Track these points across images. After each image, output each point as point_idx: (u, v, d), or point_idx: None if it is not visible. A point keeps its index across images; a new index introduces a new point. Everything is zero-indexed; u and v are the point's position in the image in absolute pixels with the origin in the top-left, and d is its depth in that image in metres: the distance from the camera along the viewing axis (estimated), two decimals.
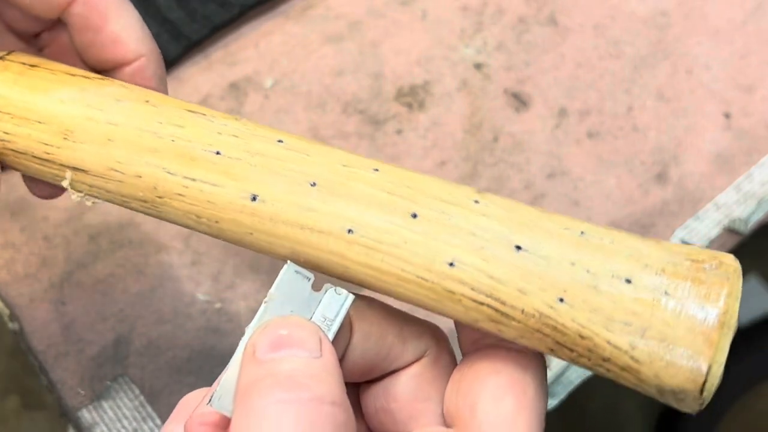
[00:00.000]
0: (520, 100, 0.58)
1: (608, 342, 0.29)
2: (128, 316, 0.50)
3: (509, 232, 0.30)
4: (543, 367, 0.32)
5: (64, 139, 0.34)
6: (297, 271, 0.31)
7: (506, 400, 0.30)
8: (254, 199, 0.32)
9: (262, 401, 0.27)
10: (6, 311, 0.50)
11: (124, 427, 0.48)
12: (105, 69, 0.38)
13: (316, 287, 0.31)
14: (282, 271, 0.31)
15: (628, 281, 0.30)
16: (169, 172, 0.33)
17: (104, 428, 0.48)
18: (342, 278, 0.32)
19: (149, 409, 0.48)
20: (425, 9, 0.61)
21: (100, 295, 0.51)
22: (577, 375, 0.50)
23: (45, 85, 0.35)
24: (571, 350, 0.30)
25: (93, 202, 0.35)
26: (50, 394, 0.49)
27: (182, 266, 0.52)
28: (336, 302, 0.31)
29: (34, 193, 0.40)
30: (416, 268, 0.30)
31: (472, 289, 0.30)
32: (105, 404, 0.48)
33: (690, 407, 0.29)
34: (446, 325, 0.33)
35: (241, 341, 0.30)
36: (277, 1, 0.60)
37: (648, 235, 0.54)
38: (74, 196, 0.35)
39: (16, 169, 0.36)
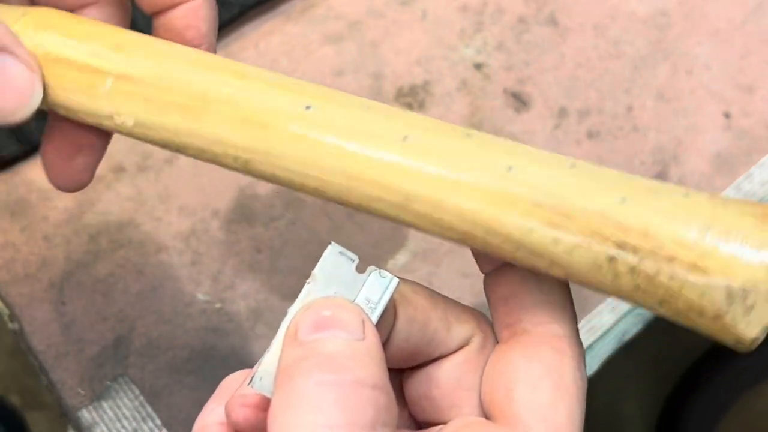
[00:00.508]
0: (520, 100, 0.58)
1: (674, 238, 0.28)
2: (128, 316, 0.50)
3: (561, 157, 0.31)
4: (580, 349, 0.31)
5: (115, 48, 0.33)
6: (341, 252, 0.31)
7: (543, 387, 0.29)
8: (308, 107, 0.32)
9: (303, 382, 0.27)
10: (6, 311, 0.50)
11: (123, 427, 0.48)
12: (156, 11, 0.36)
13: (360, 270, 0.31)
14: (326, 252, 0.30)
15: (685, 195, 0.29)
16: (221, 85, 0.33)
17: (104, 428, 0.48)
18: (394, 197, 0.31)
19: (149, 409, 0.48)
20: (425, 9, 0.60)
21: (100, 295, 0.51)
22: None
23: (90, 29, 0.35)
24: (635, 252, 0.28)
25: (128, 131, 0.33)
26: (50, 394, 0.49)
27: (182, 266, 0.52)
28: (380, 285, 0.30)
29: (57, 172, 0.37)
30: (475, 174, 0.30)
31: (531, 188, 0.29)
32: (105, 404, 0.48)
33: (759, 320, 0.28)
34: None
35: (282, 322, 0.30)
36: (277, 1, 0.60)
37: None
38: (108, 121, 0.33)
39: (52, 100, 0.34)
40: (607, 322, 0.51)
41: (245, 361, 0.49)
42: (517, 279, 0.32)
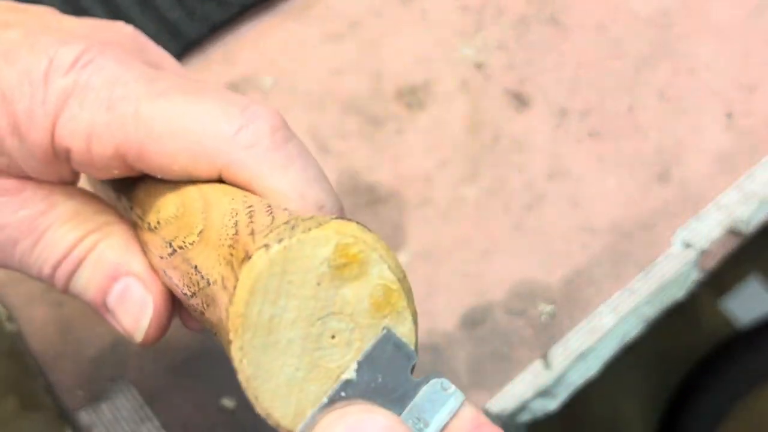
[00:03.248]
0: (520, 100, 0.58)
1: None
2: None
3: None
4: None
5: None
6: (396, 344, 0.25)
7: None
8: None
9: None
10: (4, 312, 0.50)
11: (122, 428, 0.47)
12: None
13: (416, 374, 0.26)
14: (377, 339, 0.25)
15: None
16: None
17: (102, 430, 0.47)
18: None
19: (148, 410, 0.48)
20: (425, 9, 0.60)
21: None
22: (579, 376, 0.50)
23: None
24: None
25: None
26: (48, 396, 0.48)
27: None
28: (438, 401, 0.25)
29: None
30: None
31: None
32: (103, 406, 0.48)
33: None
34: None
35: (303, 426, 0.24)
36: (277, 0, 0.60)
37: (650, 236, 0.53)
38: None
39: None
40: (608, 324, 0.51)
41: None
42: None
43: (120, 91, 0.33)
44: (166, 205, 0.33)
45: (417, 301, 0.51)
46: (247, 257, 0.25)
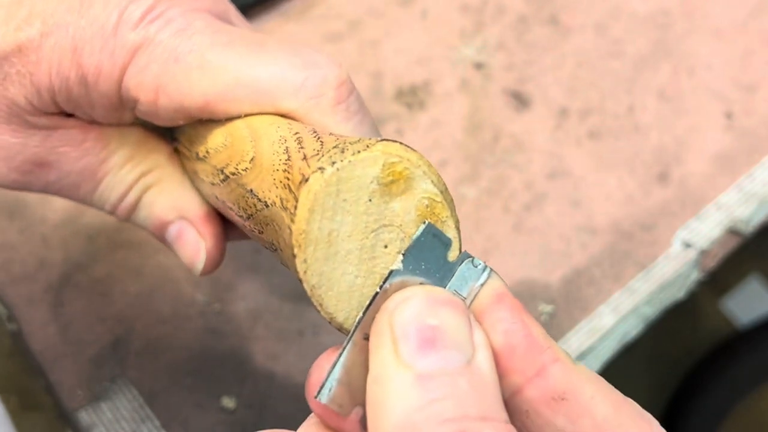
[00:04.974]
0: (520, 100, 0.58)
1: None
2: (127, 317, 0.50)
3: None
4: None
5: None
6: (435, 235, 0.28)
7: None
8: None
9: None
10: (4, 312, 0.50)
11: (122, 428, 0.47)
12: None
13: (452, 257, 0.28)
14: (419, 231, 0.28)
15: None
16: None
17: (103, 429, 0.47)
18: None
19: (148, 410, 0.48)
20: (425, 8, 0.60)
21: (99, 296, 0.50)
22: None
23: None
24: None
25: None
26: (48, 396, 0.48)
27: (181, 267, 0.51)
28: (471, 276, 0.28)
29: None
30: None
31: None
32: (103, 405, 0.48)
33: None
34: None
35: (359, 318, 0.26)
36: (277, 0, 0.60)
37: (650, 236, 0.53)
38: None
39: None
40: (608, 324, 0.51)
41: (244, 362, 0.49)
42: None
43: (186, 44, 0.34)
44: (214, 136, 0.35)
45: None
46: (304, 180, 0.27)
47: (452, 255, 0.28)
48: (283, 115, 0.34)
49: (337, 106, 0.34)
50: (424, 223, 0.28)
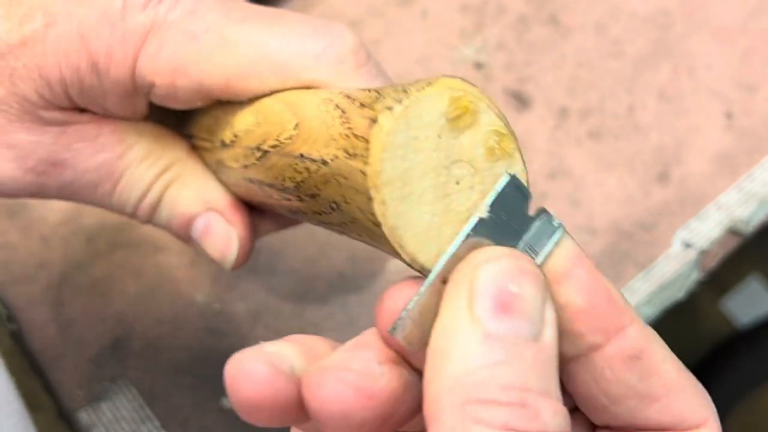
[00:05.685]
0: (520, 100, 0.58)
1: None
2: (126, 317, 0.50)
3: None
4: None
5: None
6: (518, 187, 0.28)
7: None
8: None
9: (456, 415, 0.24)
10: (4, 312, 0.50)
11: (122, 428, 0.47)
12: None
13: (530, 210, 0.28)
14: (502, 182, 0.28)
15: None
16: None
17: (102, 430, 0.47)
18: None
19: (148, 410, 0.48)
20: (425, 8, 0.60)
21: (99, 297, 0.50)
22: None
23: None
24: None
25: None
26: (48, 396, 0.48)
27: (181, 267, 0.51)
28: (546, 233, 0.28)
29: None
30: None
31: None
32: (103, 405, 0.48)
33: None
34: None
35: (439, 262, 0.26)
36: (277, 0, 0.60)
37: (650, 236, 0.53)
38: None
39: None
40: None
41: None
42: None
43: (201, 23, 0.34)
44: (241, 119, 0.35)
45: None
46: (373, 121, 0.27)
47: (527, 204, 0.28)
48: (307, 87, 0.34)
49: (359, 69, 0.34)
50: (508, 175, 0.28)
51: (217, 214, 0.38)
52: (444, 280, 0.27)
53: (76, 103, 0.36)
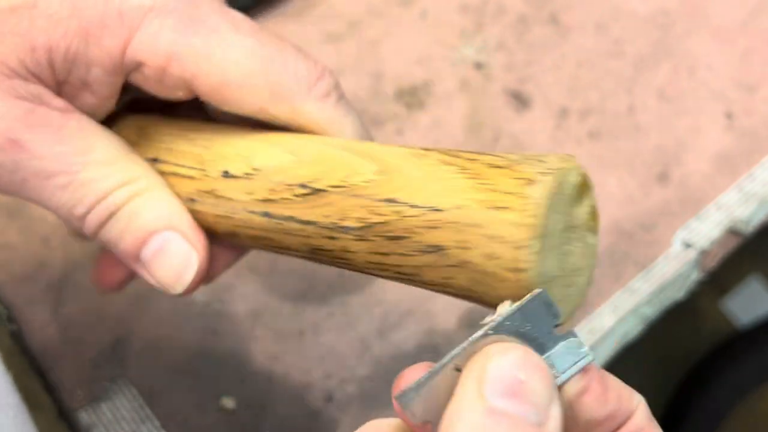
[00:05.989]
0: (520, 100, 0.58)
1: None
2: (127, 317, 0.50)
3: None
4: None
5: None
6: (548, 304, 0.29)
7: None
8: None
9: None
10: (4, 312, 0.50)
11: (122, 428, 0.47)
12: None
13: (559, 330, 0.29)
14: (533, 295, 0.29)
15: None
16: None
17: (102, 430, 0.47)
18: None
19: (148, 410, 0.48)
20: (425, 8, 0.60)
21: (99, 297, 0.50)
22: None
23: None
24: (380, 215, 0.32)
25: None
26: (48, 396, 0.48)
27: None
28: (572, 356, 0.29)
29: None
30: None
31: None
32: (103, 406, 0.48)
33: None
34: None
35: (456, 350, 0.28)
36: (277, 0, 0.60)
37: (650, 236, 0.53)
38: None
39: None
40: (608, 324, 0.51)
41: (244, 362, 0.49)
42: None
43: (208, 21, 0.35)
44: (265, 154, 0.36)
45: (416, 302, 0.51)
46: (530, 181, 0.30)
47: (557, 324, 0.29)
48: (300, 125, 0.37)
49: (339, 104, 0.36)
50: (539, 290, 0.29)
51: (178, 233, 0.36)
52: (457, 368, 0.28)
53: (56, 76, 0.35)
